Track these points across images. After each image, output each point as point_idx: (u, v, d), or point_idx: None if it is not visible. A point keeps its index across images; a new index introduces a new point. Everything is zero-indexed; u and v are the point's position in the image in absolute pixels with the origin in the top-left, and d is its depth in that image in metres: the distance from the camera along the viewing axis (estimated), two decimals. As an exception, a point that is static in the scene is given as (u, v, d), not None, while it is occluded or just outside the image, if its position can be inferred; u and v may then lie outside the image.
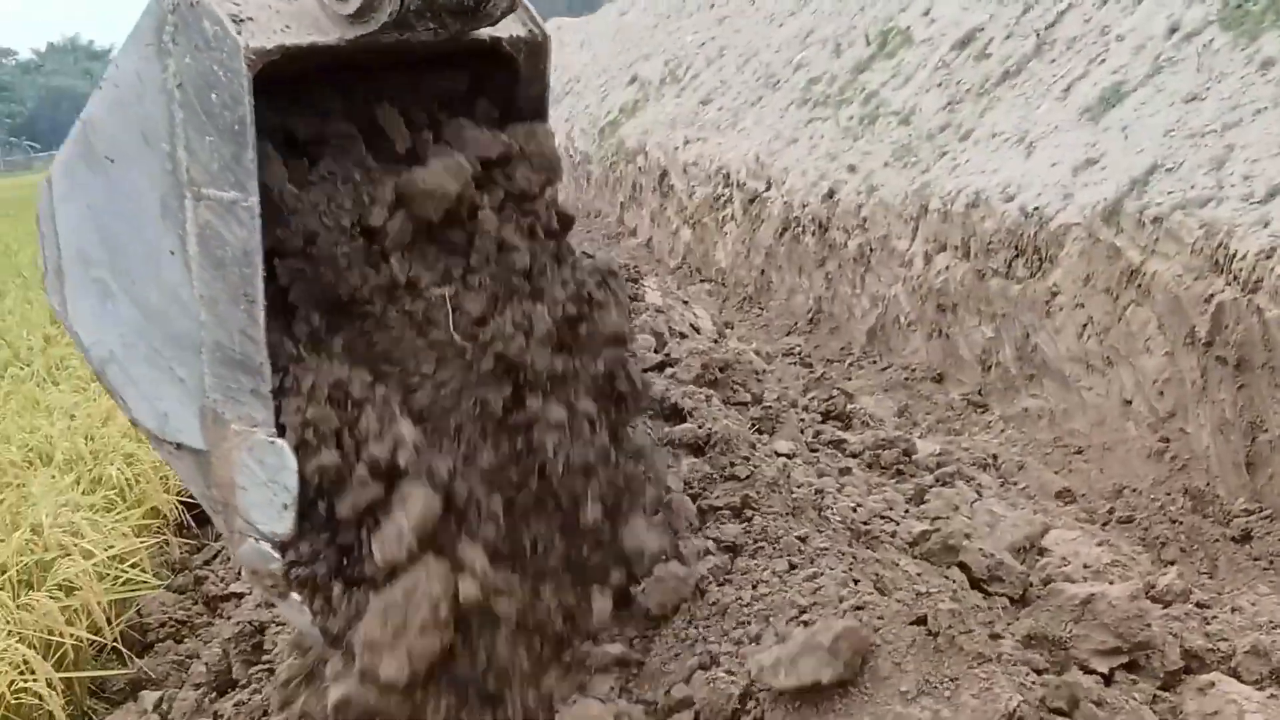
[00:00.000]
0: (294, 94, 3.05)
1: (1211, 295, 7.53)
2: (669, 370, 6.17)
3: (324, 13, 2.83)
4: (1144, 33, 10.63)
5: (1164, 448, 8.13)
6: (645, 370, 5.92)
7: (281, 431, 2.96)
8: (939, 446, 8.15)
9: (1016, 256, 9.67)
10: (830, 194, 12.95)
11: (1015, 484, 8.08)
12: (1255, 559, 7.07)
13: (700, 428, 4.92)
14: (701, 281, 15.96)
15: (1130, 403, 8.42)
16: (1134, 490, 8.02)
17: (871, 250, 11.88)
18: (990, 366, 10.10)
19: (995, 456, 8.55)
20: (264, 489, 2.98)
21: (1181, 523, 7.46)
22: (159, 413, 3.14)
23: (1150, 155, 8.79)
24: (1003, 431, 9.37)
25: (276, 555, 3.01)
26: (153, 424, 3.19)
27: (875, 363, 11.38)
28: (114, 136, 2.93)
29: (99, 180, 2.99)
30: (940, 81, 13.34)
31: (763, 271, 14.44)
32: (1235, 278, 7.31)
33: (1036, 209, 9.51)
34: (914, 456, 6.85)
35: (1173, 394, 8.03)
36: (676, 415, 5.17)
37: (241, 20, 2.66)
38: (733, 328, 12.35)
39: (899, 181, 12.00)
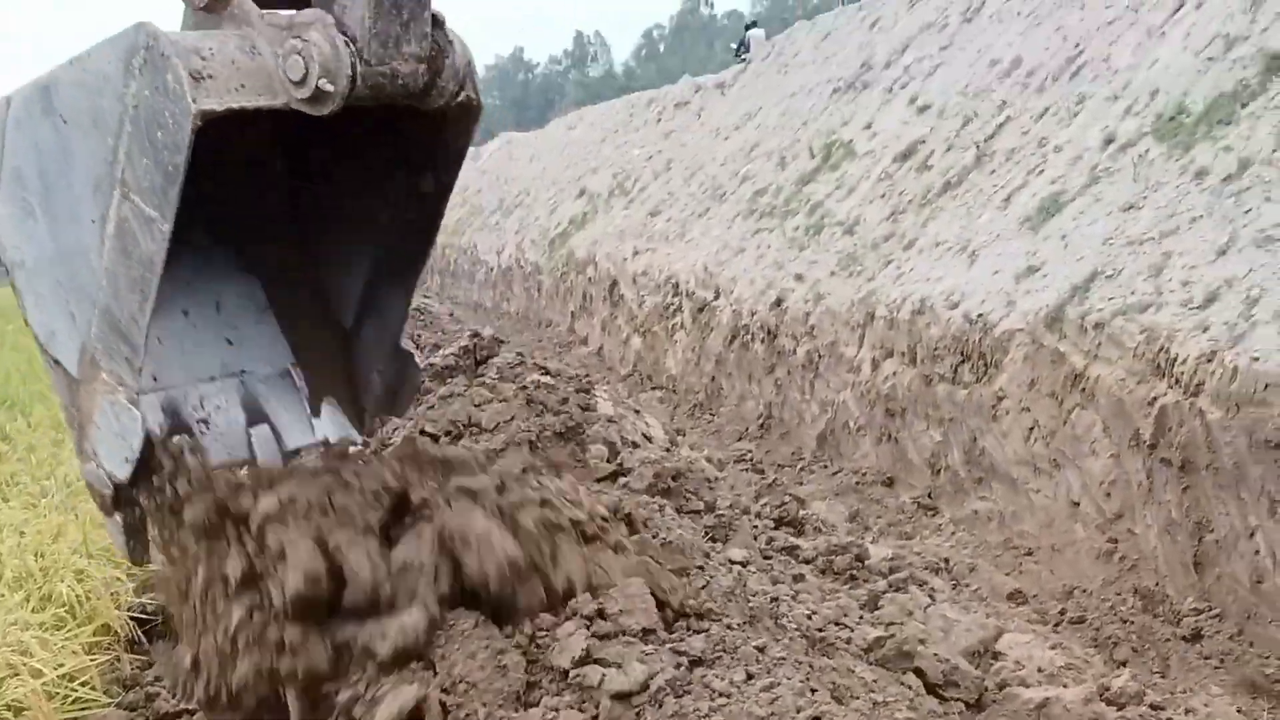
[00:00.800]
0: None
1: (1154, 399, 7.67)
2: (622, 480, 6.17)
3: (277, 77, 2.97)
4: (1081, 144, 10.97)
5: (1112, 549, 8.23)
6: (598, 480, 5.95)
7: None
8: (891, 551, 8.11)
9: (962, 362, 9.82)
10: (778, 302, 13.16)
11: (967, 586, 8.13)
12: (1206, 658, 7.15)
13: (655, 537, 4.89)
14: (653, 389, 16.13)
15: (1078, 505, 8.53)
16: (1084, 591, 8.09)
17: (820, 357, 12.04)
18: (939, 470, 10.21)
19: (947, 560, 8.60)
20: (115, 438, 3.30)
21: (1132, 623, 7.53)
22: (49, 329, 3.44)
23: (1090, 262, 9.03)
24: (953, 534, 9.45)
25: (109, 484, 3.37)
26: (42, 335, 3.50)
27: (826, 467, 11.49)
28: (72, 104, 3.18)
29: (49, 126, 3.23)
30: (883, 193, 13.62)
31: (713, 379, 14.58)
32: (1177, 381, 7.46)
33: (980, 316, 9.68)
34: (866, 562, 6.84)
35: (1119, 496, 8.15)
36: (630, 525, 5.15)
37: (201, 78, 2.87)
38: (684, 435, 12.49)
39: (845, 290, 12.21)
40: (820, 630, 5.00)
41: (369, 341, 3.75)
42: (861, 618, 5.60)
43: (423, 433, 7.98)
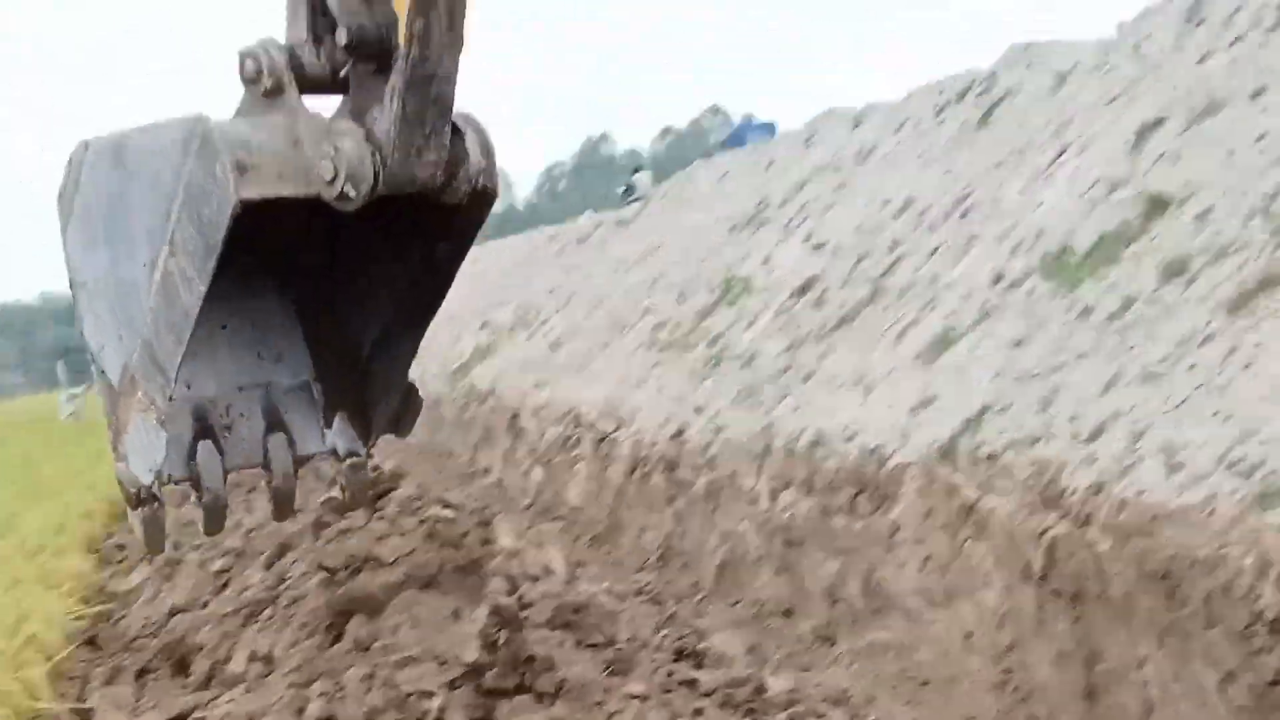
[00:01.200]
0: None
1: (1045, 530, 7.71)
2: (524, 614, 6.13)
3: (313, 171, 3.42)
4: (971, 281, 11.23)
5: (1006, 679, 8.15)
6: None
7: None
8: (790, 683, 8.08)
9: (859, 494, 9.89)
10: (678, 433, 13.17)
11: (866, 717, 8.10)
12: None
13: (554, 672, 4.89)
14: (554, 520, 16.00)
15: (971, 636, 8.47)
16: None
17: (720, 488, 12.03)
18: (837, 601, 10.17)
19: (845, 690, 8.53)
20: (143, 448, 3.72)
21: None
22: (100, 344, 3.89)
23: (981, 397, 9.20)
24: (851, 665, 9.35)
25: (135, 484, 3.75)
26: (94, 347, 3.95)
27: (725, 599, 11.43)
28: (138, 163, 3.67)
29: (117, 176, 3.73)
30: (781, 326, 13.78)
31: (613, 510, 14.54)
32: (1067, 513, 7.54)
33: (876, 448, 9.82)
34: (765, 694, 6.84)
35: (1012, 627, 8.11)
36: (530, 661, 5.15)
37: (246, 169, 3.30)
38: (585, 566, 12.33)
39: (745, 422, 12.30)
40: (721, 765, 5.00)
41: (380, 372, 4.17)
42: (761, 752, 5.63)
43: (321, 567, 7.92)
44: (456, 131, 3.53)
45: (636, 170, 43.04)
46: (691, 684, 6.73)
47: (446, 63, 3.44)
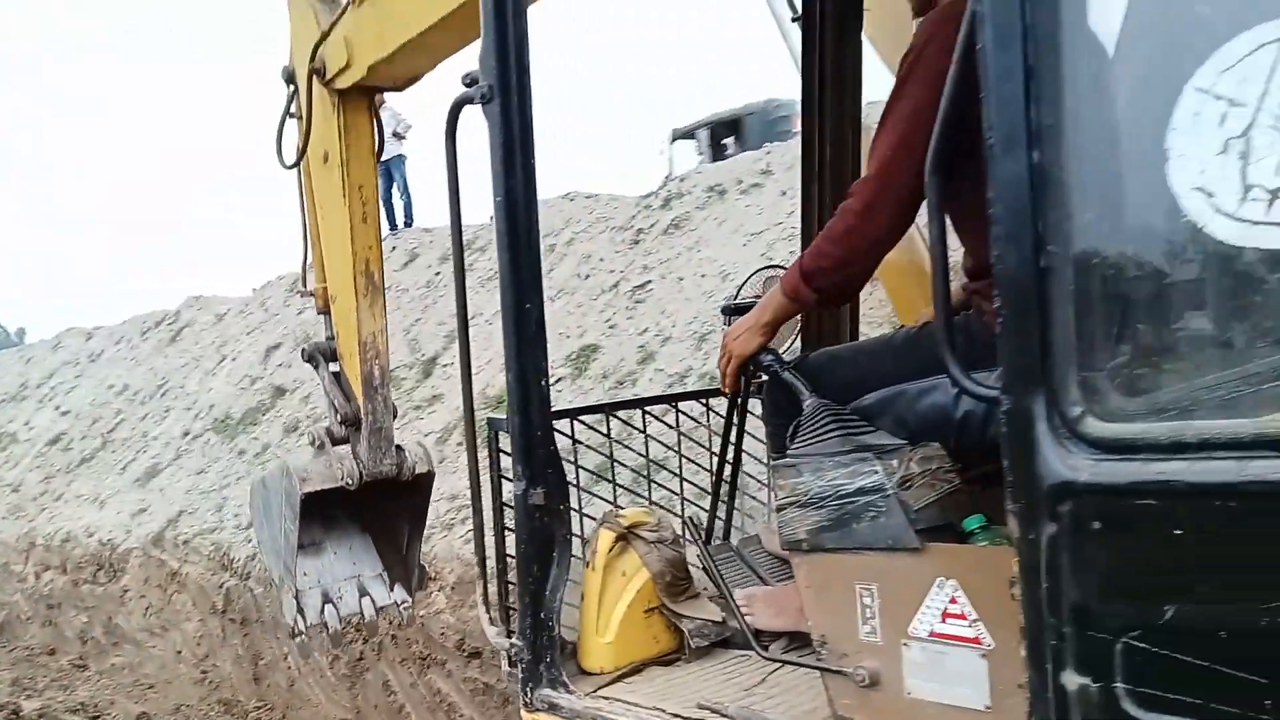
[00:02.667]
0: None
1: (223, 584, 9.45)
2: None
3: (334, 474, 4.44)
4: (169, 434, 12.82)
5: (204, 677, 9.67)
6: None
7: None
8: (41, 703, 9.42)
9: (99, 570, 11.07)
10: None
11: (107, 716, 9.37)
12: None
13: None
14: None
15: (181, 652, 9.97)
16: (188, 706, 9.39)
17: (-3, 574, 11.84)
18: (87, 640, 11.18)
19: (90, 700, 9.79)
20: (288, 611, 4.60)
21: None
22: (271, 566, 4.82)
23: (178, 505, 10.98)
24: (99, 682, 10.42)
25: (291, 617, 4.58)
26: (264, 548, 4.84)
27: (3, 648, 11.90)
28: (271, 480, 4.62)
29: (267, 490, 4.64)
30: (39, 465, 14.53)
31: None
32: (235, 572, 9.38)
33: (109, 539, 11.14)
34: (20, 714, 7.87)
35: (206, 644, 9.70)
36: None
37: (306, 479, 4.35)
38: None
39: (14, 528, 13.09)
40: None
41: (407, 563, 4.89)
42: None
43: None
44: (399, 450, 4.50)
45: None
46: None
47: (387, 422, 4.41)
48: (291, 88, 4.35)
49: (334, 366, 4.52)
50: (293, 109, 4.35)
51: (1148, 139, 1.53)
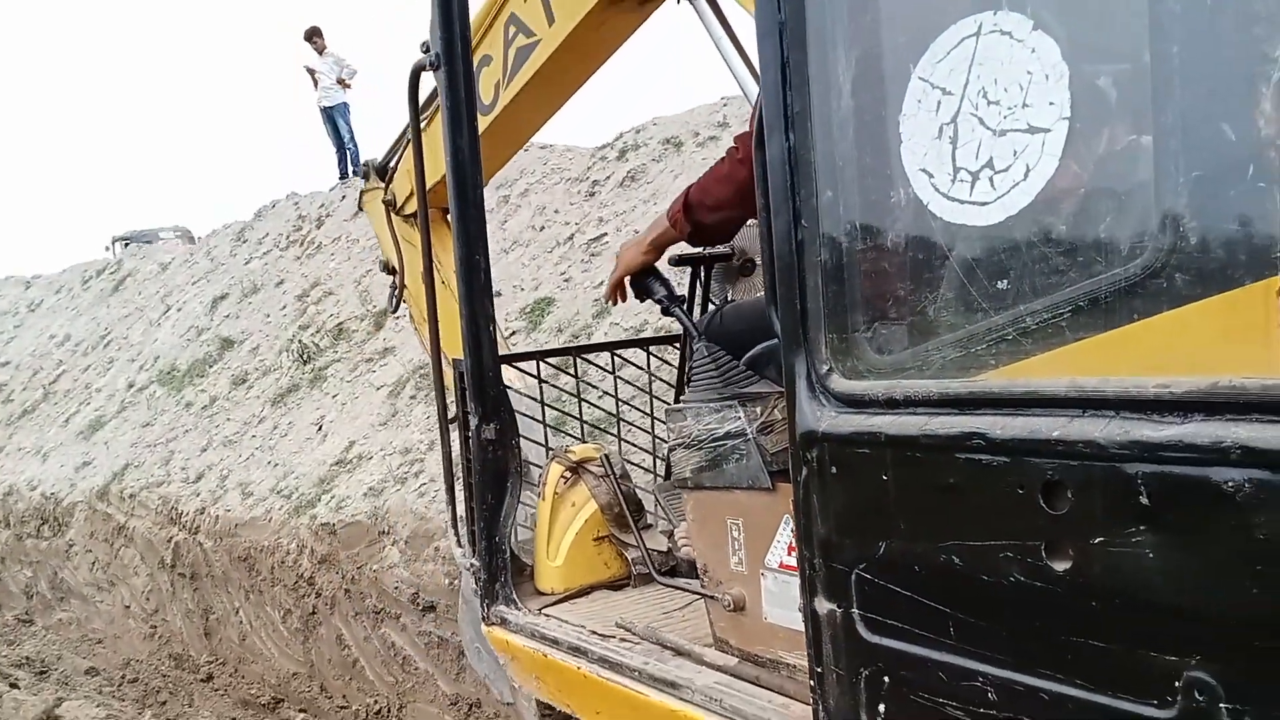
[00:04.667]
0: None
1: (171, 538, 9.50)
2: None
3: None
4: (113, 387, 12.91)
5: (154, 631, 9.80)
6: None
7: None
8: None
9: (43, 524, 11.23)
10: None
11: (56, 670, 9.40)
12: (216, 690, 8.56)
13: None
14: None
15: (129, 607, 10.07)
16: (138, 661, 9.60)
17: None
18: (33, 595, 11.40)
19: (39, 653, 9.84)
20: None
21: (169, 676, 9.07)
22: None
23: (124, 458, 11.08)
24: (45, 637, 10.66)
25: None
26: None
27: None
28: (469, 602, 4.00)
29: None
30: None
31: None
32: (184, 526, 9.42)
33: (53, 493, 11.24)
34: None
35: (155, 599, 9.78)
36: None
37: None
38: None
39: None
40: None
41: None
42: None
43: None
44: None
45: None
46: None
47: None
48: (391, 274, 4.77)
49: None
50: (393, 287, 4.74)
51: (885, 124, 1.67)
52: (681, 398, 2.72)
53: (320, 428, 9.53)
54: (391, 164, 4.68)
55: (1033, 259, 1.50)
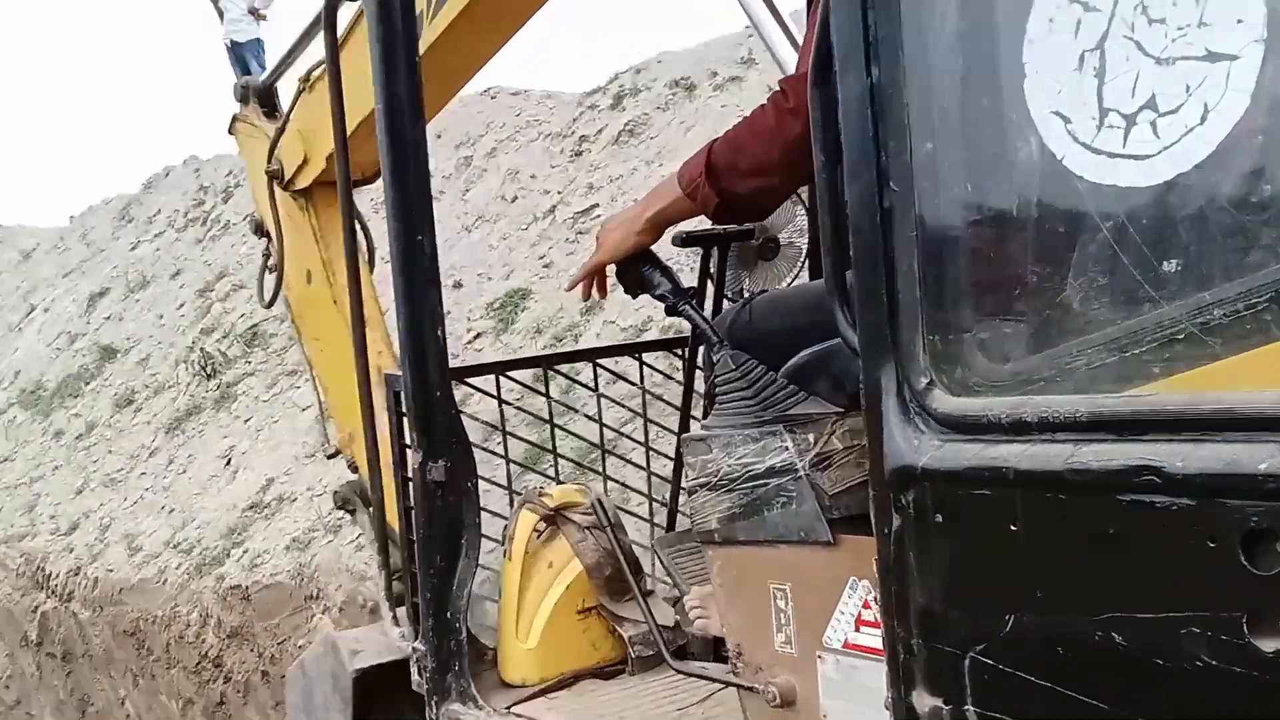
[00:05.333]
0: None
1: (37, 606, 9.68)
2: None
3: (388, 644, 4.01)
4: None
5: None
6: None
7: None
8: None
9: None
10: None
11: None
12: None
13: None
14: None
15: None
16: None
17: None
18: None
19: None
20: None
21: None
22: None
23: None
24: None
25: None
26: None
27: None
28: (315, 666, 4.28)
29: (306, 679, 4.40)
30: None
31: None
32: (54, 592, 9.55)
33: None
34: None
35: (16, 686, 10.00)
36: None
37: (357, 652, 3.95)
38: None
39: None
40: None
41: None
42: None
43: None
44: None
45: None
46: None
47: None
48: (265, 239, 4.75)
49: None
50: (270, 263, 4.70)
51: (1004, 52, 1.61)
52: (704, 423, 2.57)
53: (229, 461, 9.59)
54: (276, 86, 4.69)
55: (1217, 230, 1.40)
